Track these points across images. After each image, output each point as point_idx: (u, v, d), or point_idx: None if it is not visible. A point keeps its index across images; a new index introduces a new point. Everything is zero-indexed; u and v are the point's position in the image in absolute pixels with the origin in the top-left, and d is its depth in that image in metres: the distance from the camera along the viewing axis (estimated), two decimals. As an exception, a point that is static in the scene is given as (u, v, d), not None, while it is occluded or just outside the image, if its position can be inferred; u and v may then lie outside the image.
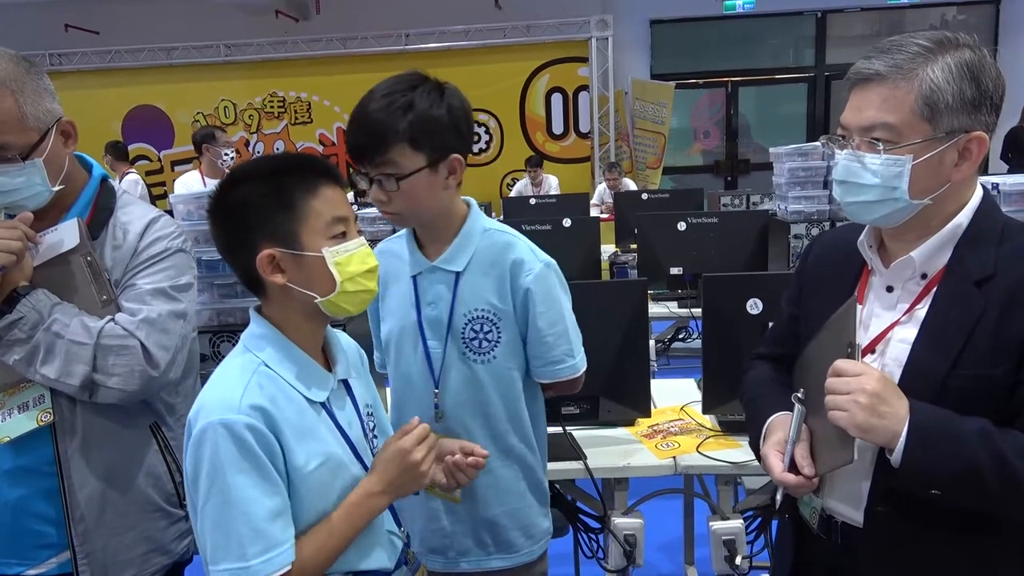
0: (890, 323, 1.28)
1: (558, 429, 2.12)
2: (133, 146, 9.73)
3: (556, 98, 10.03)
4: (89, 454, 1.47)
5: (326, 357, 1.32)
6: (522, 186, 8.60)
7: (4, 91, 1.37)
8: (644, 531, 2.02)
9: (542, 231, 3.85)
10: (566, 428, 2.15)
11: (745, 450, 2.04)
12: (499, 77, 9.92)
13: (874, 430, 1.16)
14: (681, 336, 4.09)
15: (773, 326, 1.62)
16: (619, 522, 2.02)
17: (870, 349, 1.29)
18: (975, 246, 1.22)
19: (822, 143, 1.34)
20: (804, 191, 4.75)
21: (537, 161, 8.55)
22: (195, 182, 5.58)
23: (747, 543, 2.02)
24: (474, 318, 1.56)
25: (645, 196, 5.92)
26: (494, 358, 1.58)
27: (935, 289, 1.24)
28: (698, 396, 2.30)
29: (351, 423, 1.31)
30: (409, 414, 1.45)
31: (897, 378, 1.22)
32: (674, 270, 3.85)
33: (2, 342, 1.39)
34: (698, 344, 2.49)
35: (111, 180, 1.61)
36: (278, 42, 9.81)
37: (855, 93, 1.24)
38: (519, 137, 10.13)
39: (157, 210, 1.61)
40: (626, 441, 2.18)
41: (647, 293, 2.23)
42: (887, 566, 1.27)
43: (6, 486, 1.46)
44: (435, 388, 1.59)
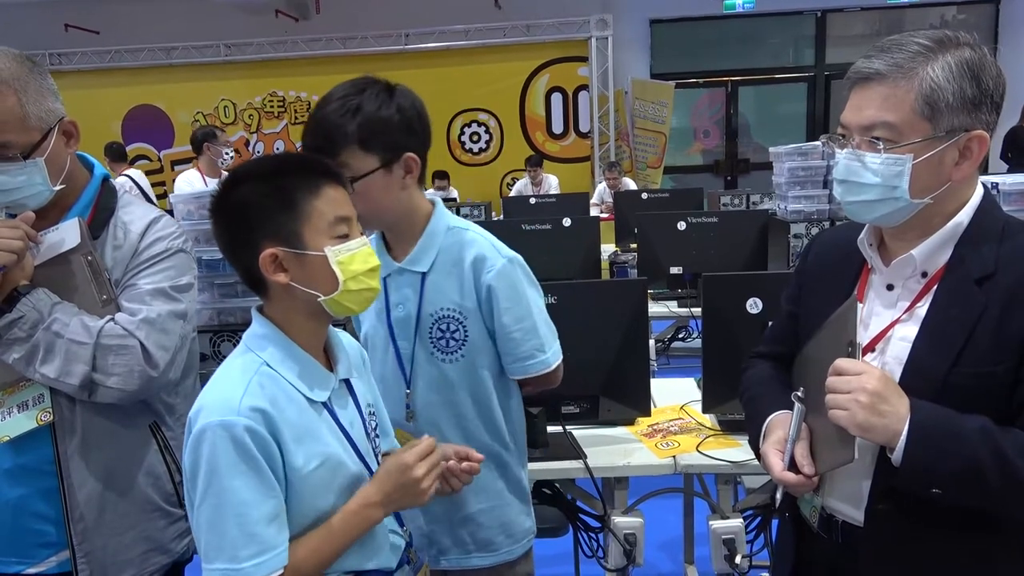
0: (890, 321, 1.28)
1: (558, 428, 2.13)
2: (133, 146, 9.75)
3: (556, 98, 10.04)
4: (88, 454, 1.47)
5: (328, 357, 1.32)
6: (522, 186, 8.61)
7: (7, 90, 1.37)
8: (644, 530, 2.02)
9: (542, 231, 3.84)
10: (566, 427, 2.15)
11: (745, 449, 2.04)
12: (499, 77, 9.94)
13: (874, 429, 1.16)
14: (681, 335, 4.10)
15: (772, 325, 1.62)
16: (619, 521, 2.02)
17: (870, 347, 1.29)
18: (976, 244, 1.22)
19: (823, 142, 1.34)
20: (804, 191, 4.75)
21: (537, 161, 8.56)
22: (196, 180, 5.60)
23: (747, 542, 2.02)
24: (440, 318, 1.57)
25: (645, 196, 5.93)
26: (462, 357, 1.58)
27: (936, 287, 1.24)
28: (698, 395, 2.30)
29: (353, 423, 1.31)
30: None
31: (898, 376, 1.22)
32: (674, 270, 3.85)
33: (2, 341, 1.39)
34: (698, 343, 2.49)
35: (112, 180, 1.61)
36: (278, 42, 9.81)
37: (855, 92, 1.24)
38: (519, 137, 10.14)
39: (158, 210, 1.62)
40: (626, 440, 2.18)
41: (647, 292, 2.23)
42: (888, 565, 1.27)
43: (6, 485, 1.46)
44: (407, 388, 1.60)
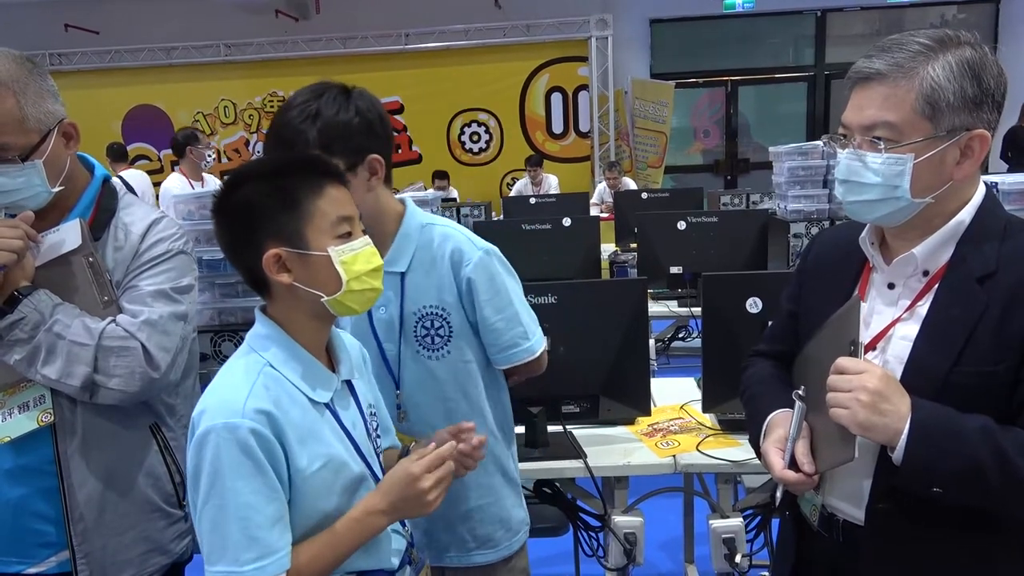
0: (891, 320, 1.28)
1: (558, 428, 2.13)
2: (133, 146, 9.74)
3: (556, 97, 10.04)
4: (89, 454, 1.47)
5: (330, 357, 1.32)
6: (522, 185, 8.60)
7: (5, 92, 1.37)
8: (644, 529, 2.02)
9: (542, 231, 3.85)
10: (566, 427, 2.15)
11: (744, 449, 2.04)
12: (499, 76, 9.94)
13: (875, 428, 1.16)
14: (681, 335, 4.10)
15: (773, 323, 1.62)
16: (619, 520, 2.02)
17: (871, 346, 1.29)
18: (977, 243, 1.22)
19: (824, 142, 1.34)
20: (804, 190, 4.74)
21: (537, 160, 8.56)
22: (183, 185, 5.56)
23: (747, 541, 2.02)
24: (423, 316, 1.57)
25: (645, 195, 5.93)
26: (448, 352, 1.58)
27: (937, 286, 1.24)
28: (698, 395, 2.30)
29: (355, 423, 1.31)
30: None
31: (898, 375, 1.22)
32: (674, 269, 3.85)
33: (3, 342, 1.39)
34: (698, 343, 2.50)
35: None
36: (278, 42, 9.81)
37: (856, 92, 1.24)
38: (519, 136, 10.14)
39: (159, 211, 1.61)
40: (626, 440, 2.18)
41: (647, 292, 2.23)
42: (888, 564, 1.27)
43: (6, 485, 1.46)
44: (396, 389, 1.60)
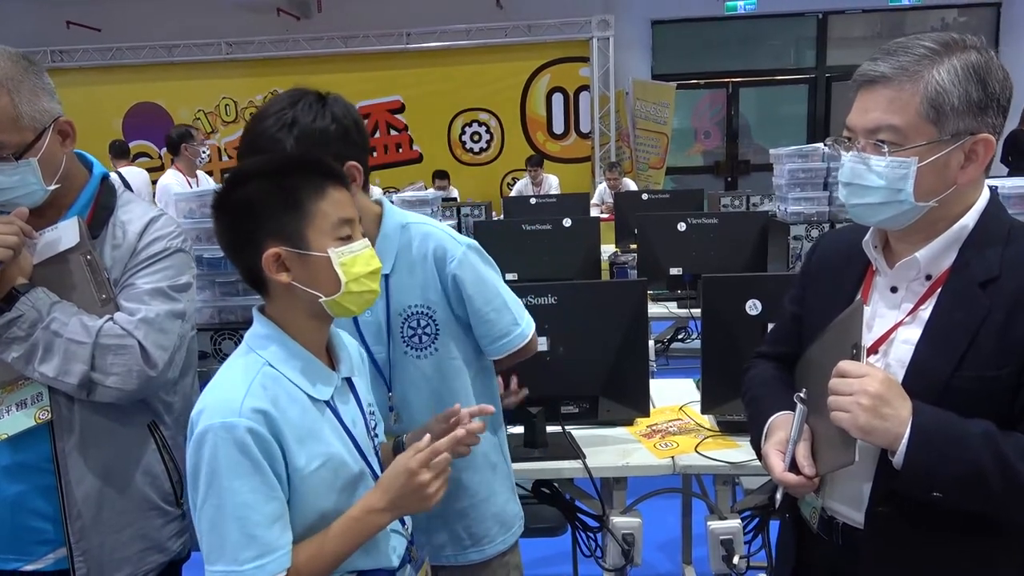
0: (894, 323, 1.28)
1: (557, 428, 2.12)
2: (134, 143, 9.71)
3: (557, 98, 10.05)
4: (87, 452, 1.47)
5: (330, 356, 1.32)
6: (522, 186, 8.61)
7: (0, 90, 1.36)
8: (642, 530, 2.02)
9: (542, 231, 3.85)
10: (565, 427, 2.14)
11: (743, 450, 2.04)
12: (500, 76, 9.95)
13: (876, 432, 1.15)
14: (680, 336, 4.11)
15: (775, 326, 1.62)
16: (617, 521, 2.01)
17: (874, 349, 1.29)
18: (981, 248, 1.22)
19: (828, 145, 1.34)
20: (804, 192, 4.73)
21: (537, 161, 8.56)
22: (179, 182, 5.55)
23: (745, 543, 2.02)
24: (409, 315, 1.57)
25: (645, 196, 5.93)
26: (435, 351, 1.58)
27: (940, 290, 1.23)
28: (697, 396, 2.30)
29: (355, 421, 1.31)
30: None
31: (900, 378, 1.22)
32: (674, 270, 3.86)
33: (1, 339, 1.38)
34: (697, 344, 2.50)
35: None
36: (279, 40, 9.81)
37: (861, 95, 1.23)
38: (520, 137, 10.14)
39: (157, 209, 1.61)
40: (625, 441, 2.18)
41: (647, 293, 2.23)
42: (888, 567, 1.27)
43: (4, 482, 1.45)
44: (388, 391, 1.60)
